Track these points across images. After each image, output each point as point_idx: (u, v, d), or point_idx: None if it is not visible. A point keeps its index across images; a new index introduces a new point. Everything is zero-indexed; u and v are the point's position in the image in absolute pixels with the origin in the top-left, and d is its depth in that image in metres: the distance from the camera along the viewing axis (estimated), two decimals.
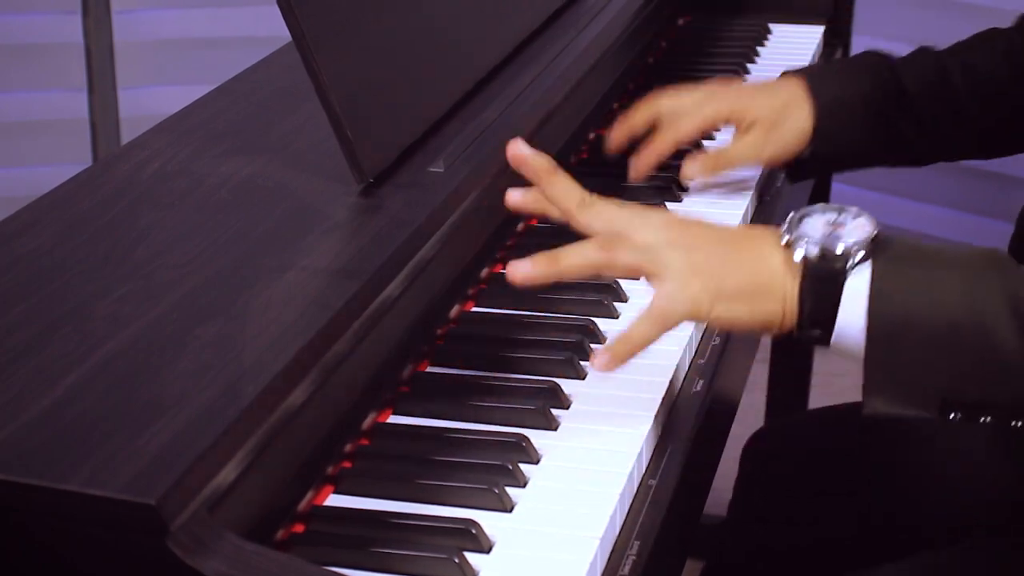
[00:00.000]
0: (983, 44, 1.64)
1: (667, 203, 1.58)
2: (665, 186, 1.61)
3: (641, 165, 1.57)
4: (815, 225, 1.16)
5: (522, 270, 1.18)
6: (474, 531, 1.05)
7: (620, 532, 1.10)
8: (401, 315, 1.22)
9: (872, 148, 1.63)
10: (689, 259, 1.16)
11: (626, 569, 1.07)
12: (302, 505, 1.08)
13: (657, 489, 1.16)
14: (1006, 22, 1.66)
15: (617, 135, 1.60)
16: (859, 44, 2.29)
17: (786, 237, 1.16)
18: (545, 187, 1.21)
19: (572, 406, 1.23)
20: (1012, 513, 1.46)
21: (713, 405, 1.29)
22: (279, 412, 1.04)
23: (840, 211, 1.17)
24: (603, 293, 1.38)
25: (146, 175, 1.36)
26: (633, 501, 1.14)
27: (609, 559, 1.07)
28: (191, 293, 1.14)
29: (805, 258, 1.14)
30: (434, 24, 1.48)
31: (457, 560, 1.02)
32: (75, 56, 2.85)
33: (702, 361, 1.33)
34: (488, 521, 1.07)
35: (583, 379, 1.26)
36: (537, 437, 1.17)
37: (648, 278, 1.17)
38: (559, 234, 1.50)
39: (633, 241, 1.17)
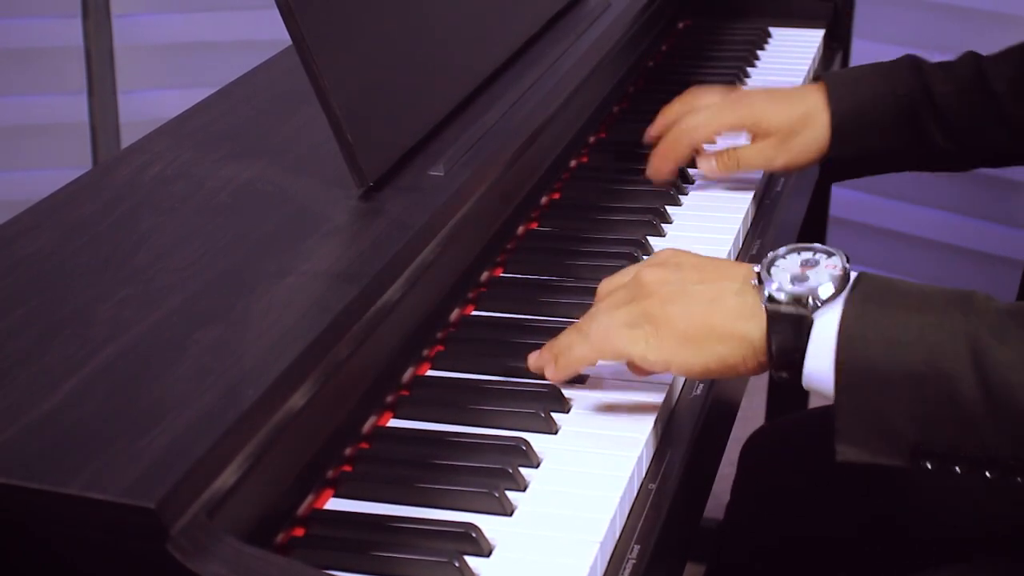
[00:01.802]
0: None
1: (667, 206, 1.58)
2: (665, 191, 1.61)
3: (663, 172, 1.61)
4: (786, 266, 1.15)
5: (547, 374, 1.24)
6: (474, 535, 1.05)
7: (620, 536, 1.10)
8: (401, 319, 1.22)
9: (900, 152, 1.64)
10: (642, 300, 1.18)
11: (626, 573, 1.07)
12: (302, 509, 1.08)
13: (657, 493, 1.16)
14: (1007, 26, 1.67)
15: (654, 130, 1.66)
16: (859, 48, 2.30)
17: (754, 279, 1.15)
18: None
19: (572, 410, 1.23)
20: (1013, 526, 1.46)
21: (713, 409, 1.29)
22: (279, 416, 1.04)
23: (813, 251, 1.16)
24: None
25: (146, 179, 1.36)
26: (633, 505, 1.14)
27: (609, 563, 1.07)
28: (191, 297, 1.14)
29: (770, 300, 1.13)
30: (434, 28, 1.48)
31: (457, 564, 1.02)
32: (75, 60, 2.85)
33: None
34: (488, 525, 1.07)
35: (583, 383, 1.26)
36: (537, 441, 1.17)
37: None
38: (559, 238, 1.51)
39: (592, 314, 1.22)
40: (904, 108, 1.61)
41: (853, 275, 1.14)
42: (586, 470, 1.14)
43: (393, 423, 1.21)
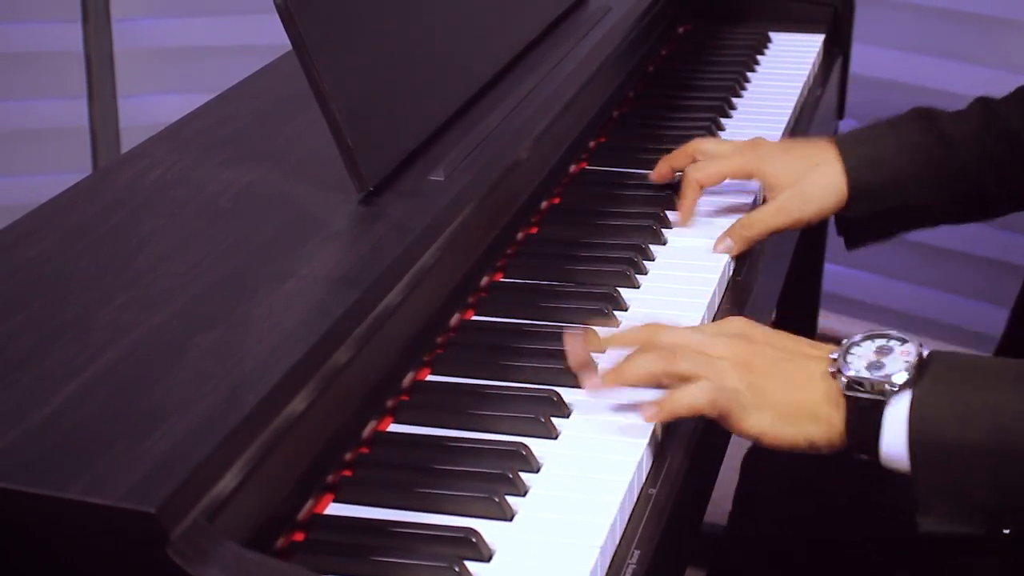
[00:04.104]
0: None
1: (669, 211, 1.57)
2: (667, 195, 1.61)
3: (686, 213, 1.58)
4: (861, 354, 1.19)
5: (591, 384, 1.24)
6: (474, 540, 1.05)
7: (620, 541, 1.10)
8: (401, 323, 1.22)
9: (924, 206, 1.60)
10: (742, 369, 1.20)
11: None
12: (302, 513, 1.08)
13: (657, 498, 1.16)
14: (1007, 32, 1.66)
15: (660, 171, 1.63)
16: (859, 53, 2.29)
17: (832, 367, 1.19)
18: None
19: (572, 415, 1.22)
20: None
21: None
22: (279, 420, 1.04)
23: (888, 337, 1.20)
24: (604, 302, 1.38)
25: (146, 183, 1.36)
26: (633, 510, 1.14)
27: (609, 568, 1.07)
28: (191, 301, 1.14)
29: (848, 387, 1.17)
30: (434, 32, 1.48)
31: (457, 569, 1.02)
32: (75, 64, 2.84)
33: None
34: (488, 530, 1.07)
35: (583, 387, 1.26)
36: (537, 446, 1.17)
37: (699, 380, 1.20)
38: (560, 243, 1.51)
39: (693, 351, 1.21)
40: (922, 160, 1.57)
41: (925, 353, 1.18)
42: (586, 475, 1.14)
43: (393, 428, 1.21)
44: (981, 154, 1.57)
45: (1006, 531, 1.14)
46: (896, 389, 1.16)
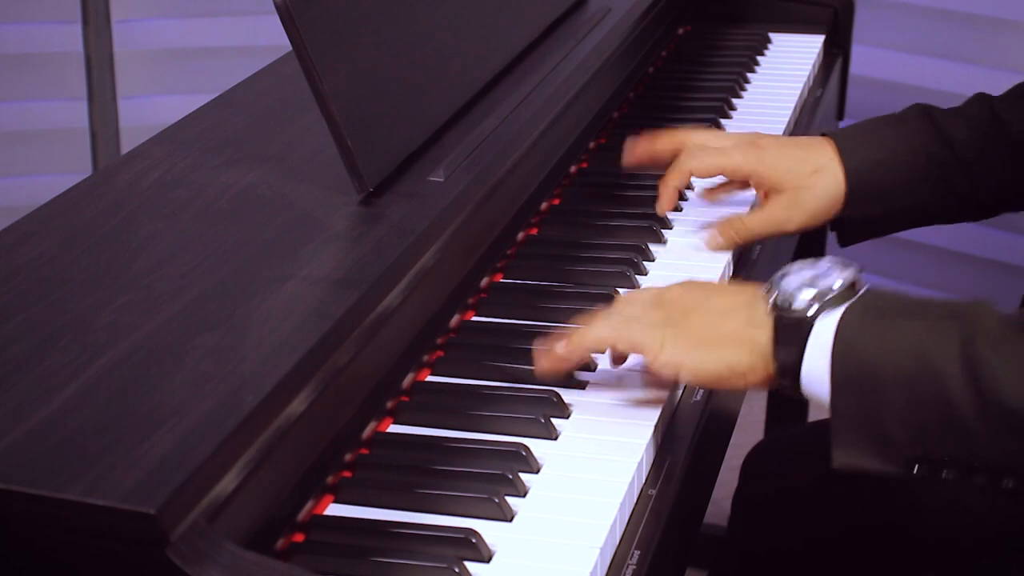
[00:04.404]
0: None
1: (668, 212, 1.57)
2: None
3: (666, 203, 1.55)
4: (793, 280, 1.17)
5: (546, 360, 1.24)
6: (474, 540, 1.05)
7: (620, 542, 1.10)
8: (401, 324, 1.22)
9: (921, 207, 1.58)
10: (664, 305, 1.22)
11: None
12: (302, 514, 1.08)
13: (657, 499, 1.16)
14: (1007, 32, 1.65)
15: (637, 151, 1.57)
16: (858, 53, 2.30)
17: (763, 291, 1.18)
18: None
19: (572, 415, 1.22)
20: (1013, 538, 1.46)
21: (713, 414, 1.29)
22: (279, 421, 1.04)
23: (820, 264, 1.18)
24: (604, 302, 1.38)
25: (146, 185, 1.36)
26: (633, 511, 1.14)
27: (609, 568, 1.07)
28: (191, 303, 1.14)
29: (775, 306, 1.15)
30: (435, 33, 1.48)
31: (457, 569, 1.02)
32: (75, 65, 2.84)
33: None
34: (488, 530, 1.07)
35: (583, 388, 1.26)
36: (537, 446, 1.17)
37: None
38: (559, 244, 1.51)
39: (625, 316, 1.23)
40: (922, 160, 1.55)
41: (863, 288, 1.16)
42: (586, 476, 1.14)
43: (393, 429, 1.21)
44: (980, 154, 1.56)
45: (915, 470, 1.11)
46: (820, 308, 1.14)
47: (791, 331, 1.15)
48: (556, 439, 1.19)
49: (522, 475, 1.13)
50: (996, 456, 1.08)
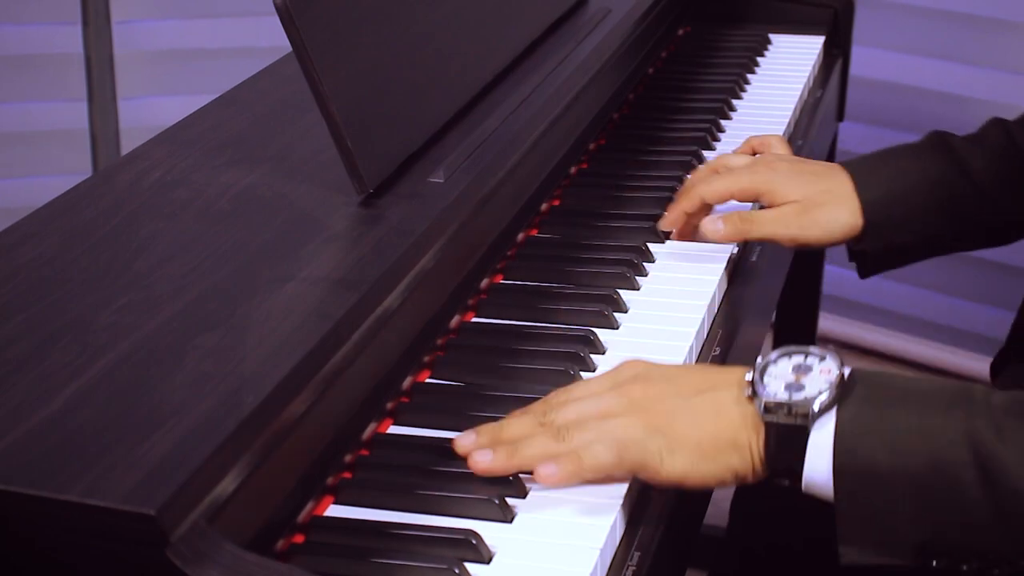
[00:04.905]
0: None
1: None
2: (666, 197, 1.60)
3: (670, 222, 1.53)
4: (778, 374, 1.13)
5: (482, 461, 1.13)
6: (474, 541, 1.05)
7: (620, 543, 1.10)
8: (401, 325, 1.22)
9: (940, 238, 1.56)
10: (642, 415, 1.13)
11: None
12: (302, 516, 1.08)
13: (657, 499, 1.15)
14: (1008, 33, 1.65)
15: (671, 219, 1.54)
16: (859, 55, 2.30)
17: (748, 390, 1.13)
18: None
19: None
20: None
21: None
22: (279, 422, 1.04)
23: (805, 355, 1.14)
24: (603, 303, 1.38)
25: (146, 185, 1.36)
26: (633, 511, 1.14)
27: (609, 569, 1.07)
28: (191, 303, 1.14)
29: (766, 411, 1.11)
30: (435, 34, 1.48)
31: (458, 571, 1.02)
32: (75, 66, 2.84)
33: None
34: (489, 531, 1.07)
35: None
36: None
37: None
38: (559, 245, 1.51)
39: (582, 421, 1.13)
40: (940, 192, 1.53)
41: (847, 372, 1.12)
42: None
43: (393, 430, 1.21)
44: (998, 181, 1.54)
45: (933, 563, 1.09)
46: (818, 413, 1.09)
47: (787, 439, 1.11)
48: None
49: (522, 476, 1.13)
50: (1014, 551, 1.08)
